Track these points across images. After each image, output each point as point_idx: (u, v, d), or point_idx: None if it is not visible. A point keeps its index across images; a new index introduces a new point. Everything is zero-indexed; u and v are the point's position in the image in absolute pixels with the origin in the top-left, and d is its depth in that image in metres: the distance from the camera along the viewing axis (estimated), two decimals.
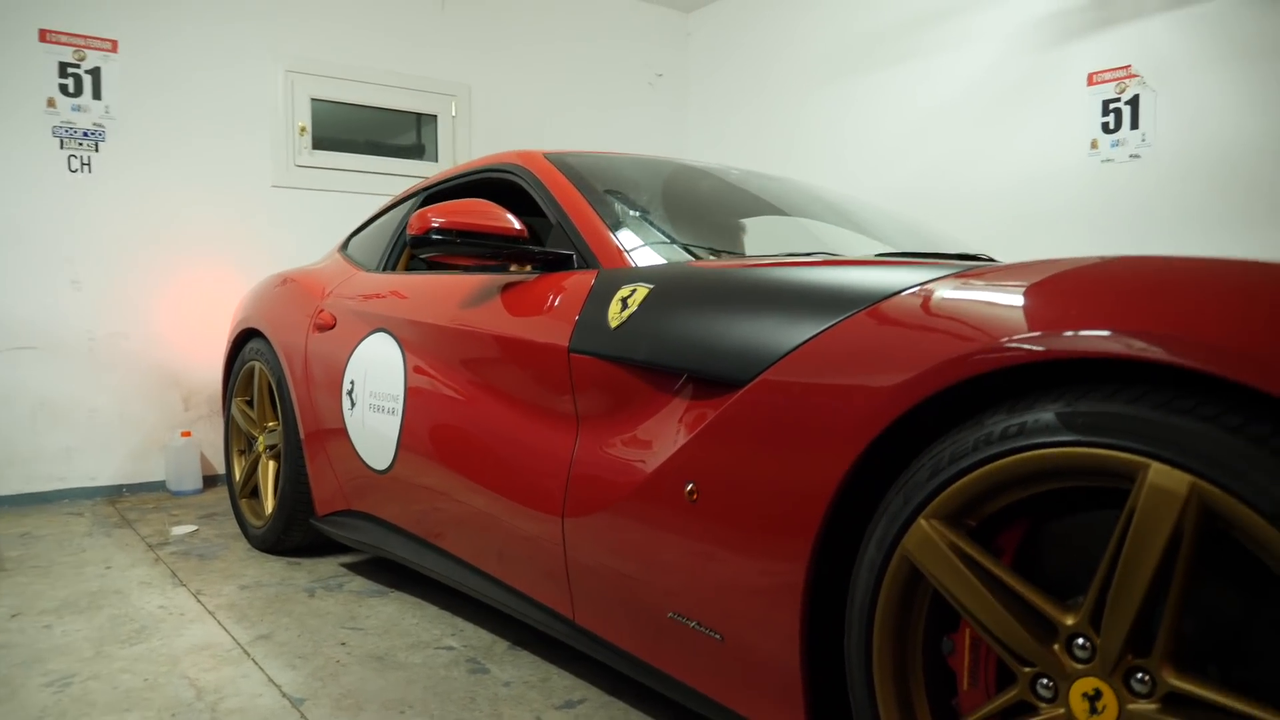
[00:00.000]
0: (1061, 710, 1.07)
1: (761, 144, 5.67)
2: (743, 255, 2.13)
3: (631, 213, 2.14)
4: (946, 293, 1.22)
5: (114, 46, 4.12)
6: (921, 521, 1.17)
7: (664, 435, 1.58)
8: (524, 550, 1.94)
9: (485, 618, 2.41)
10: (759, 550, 1.38)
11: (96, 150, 4.11)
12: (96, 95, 4.09)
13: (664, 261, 1.89)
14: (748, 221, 2.63)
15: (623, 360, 1.67)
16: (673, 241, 2.04)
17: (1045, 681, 1.09)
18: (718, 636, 1.47)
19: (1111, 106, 4.00)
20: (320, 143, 4.70)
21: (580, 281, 1.90)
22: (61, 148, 4.04)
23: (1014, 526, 1.16)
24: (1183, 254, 1.16)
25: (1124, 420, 0.99)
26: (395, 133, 5.03)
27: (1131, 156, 3.94)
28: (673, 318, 1.60)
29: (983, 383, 1.14)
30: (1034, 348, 1.05)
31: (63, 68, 4.01)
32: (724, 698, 1.49)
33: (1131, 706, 1.01)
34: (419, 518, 2.35)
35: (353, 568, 2.96)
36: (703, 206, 2.52)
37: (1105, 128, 4.03)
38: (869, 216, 2.76)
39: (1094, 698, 1.04)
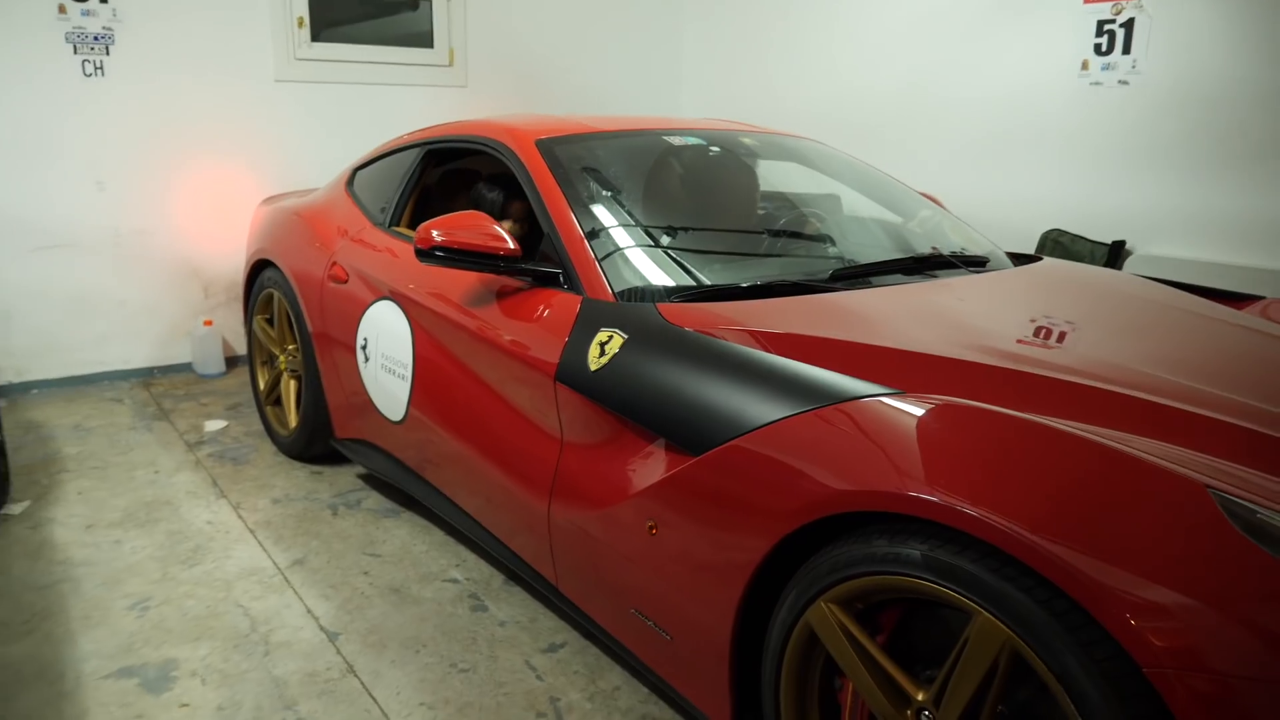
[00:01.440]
0: None
1: (755, 33, 5.64)
2: (721, 286, 2.18)
3: (615, 229, 2.34)
4: (877, 417, 1.48)
5: None
6: (820, 603, 1.51)
7: (634, 475, 1.90)
8: (517, 520, 2.30)
9: (483, 550, 2.81)
10: (703, 583, 1.73)
11: (107, 54, 4.20)
12: None
13: (646, 290, 2.12)
14: (745, 202, 2.83)
15: (600, 403, 1.96)
16: (653, 263, 2.26)
17: None
18: (668, 636, 1.85)
19: (1106, 27, 4.04)
20: (319, 34, 4.73)
21: (567, 306, 2.16)
22: (75, 53, 4.13)
23: (893, 609, 1.50)
24: (1161, 188, 1.44)
25: (966, 575, 1.31)
26: (395, 21, 5.02)
27: (1120, 82, 4.02)
28: (642, 378, 1.88)
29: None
30: (928, 498, 1.32)
31: None
32: (671, 680, 1.89)
33: None
34: (429, 467, 2.70)
35: (367, 480, 3.35)
36: (695, 200, 2.71)
37: (1098, 49, 4.08)
38: (874, 190, 2.94)
39: None
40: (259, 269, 3.60)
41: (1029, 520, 1.24)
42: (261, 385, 3.68)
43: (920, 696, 1.42)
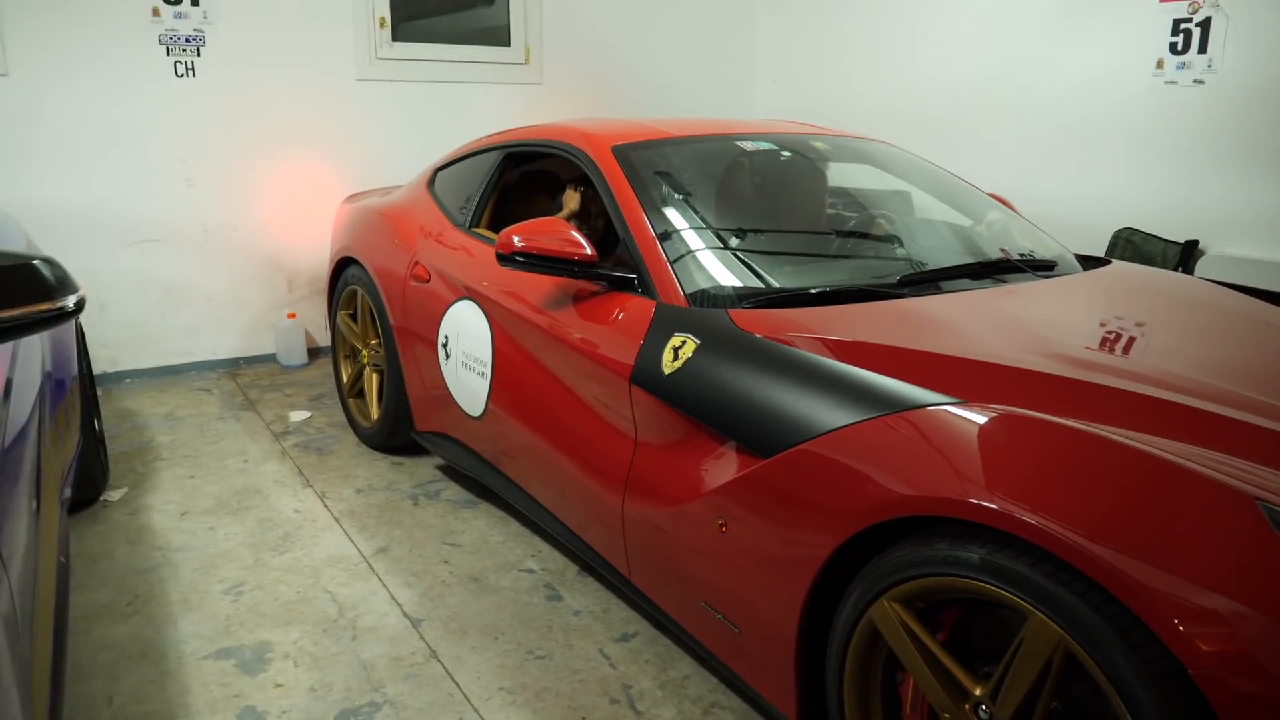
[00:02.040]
0: None
1: (830, 28, 5.65)
2: (791, 291, 2.24)
3: (689, 235, 2.42)
4: (940, 426, 1.55)
5: None
6: (884, 601, 1.58)
7: (706, 474, 1.98)
8: (592, 513, 2.41)
9: (558, 541, 2.92)
10: (771, 579, 1.81)
11: (199, 55, 4.41)
12: (195, 2, 4.33)
13: (719, 296, 2.20)
14: (815, 206, 2.89)
15: (673, 405, 2.06)
16: (725, 269, 2.34)
17: None
18: (737, 630, 1.94)
19: (1182, 26, 3.99)
20: (400, 34, 4.89)
21: (641, 311, 2.26)
22: (168, 54, 4.35)
23: (953, 608, 1.57)
24: (1241, 188, 1.49)
25: (1022, 578, 1.37)
26: (472, 20, 5.16)
27: (1195, 81, 3.98)
28: (713, 382, 1.97)
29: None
30: (989, 506, 1.39)
31: None
32: (739, 671, 1.98)
33: None
34: (506, 460, 2.83)
35: (446, 471, 3.50)
36: (766, 204, 2.78)
37: (1173, 48, 4.03)
38: (943, 191, 2.99)
39: None
40: (343, 266, 3.76)
41: (1083, 528, 1.30)
42: (345, 378, 3.85)
43: (978, 691, 1.49)
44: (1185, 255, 3.99)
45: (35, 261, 1.55)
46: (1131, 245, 4.15)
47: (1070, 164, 4.48)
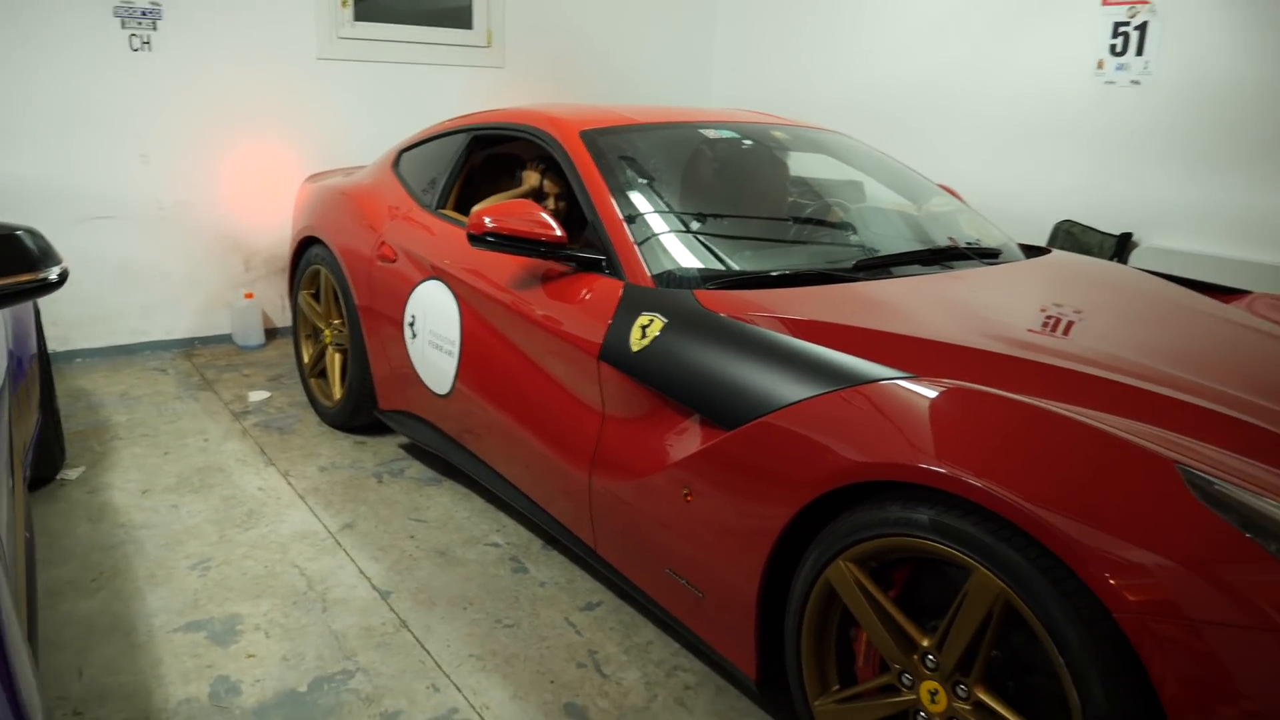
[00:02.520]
0: (913, 697, 1.64)
1: (786, 21, 5.76)
2: (753, 273, 2.34)
3: (654, 218, 2.51)
4: (893, 398, 1.67)
5: None
6: (840, 562, 1.69)
7: (672, 447, 2.08)
8: (559, 487, 2.49)
9: (521, 516, 3.00)
10: (733, 546, 1.91)
11: (155, 28, 4.37)
12: None
13: (683, 277, 2.29)
14: (775, 193, 3.00)
15: (641, 381, 2.14)
16: (690, 251, 2.43)
17: (906, 677, 1.65)
18: (700, 594, 2.04)
19: (1121, 29, 4.17)
20: (362, 14, 4.89)
21: (609, 290, 2.34)
22: (123, 27, 4.30)
23: (903, 566, 1.68)
24: (1163, 189, 1.61)
25: (968, 536, 1.49)
26: (435, 1, 5.17)
27: (1132, 82, 4.16)
28: (680, 359, 2.06)
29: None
30: (938, 470, 1.50)
31: None
32: (702, 633, 2.08)
33: (955, 704, 1.57)
34: (472, 438, 2.89)
35: (408, 449, 3.55)
36: (728, 190, 2.88)
37: (1112, 49, 4.21)
38: (895, 182, 3.11)
39: (934, 694, 1.60)
40: (305, 245, 3.78)
41: (1023, 490, 1.42)
42: (306, 358, 3.87)
43: (925, 643, 1.61)
44: (1120, 247, 4.18)
45: (19, 232, 1.59)
46: (1071, 237, 4.33)
47: (1014, 158, 4.65)
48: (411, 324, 3.04)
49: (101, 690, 2.12)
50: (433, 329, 2.92)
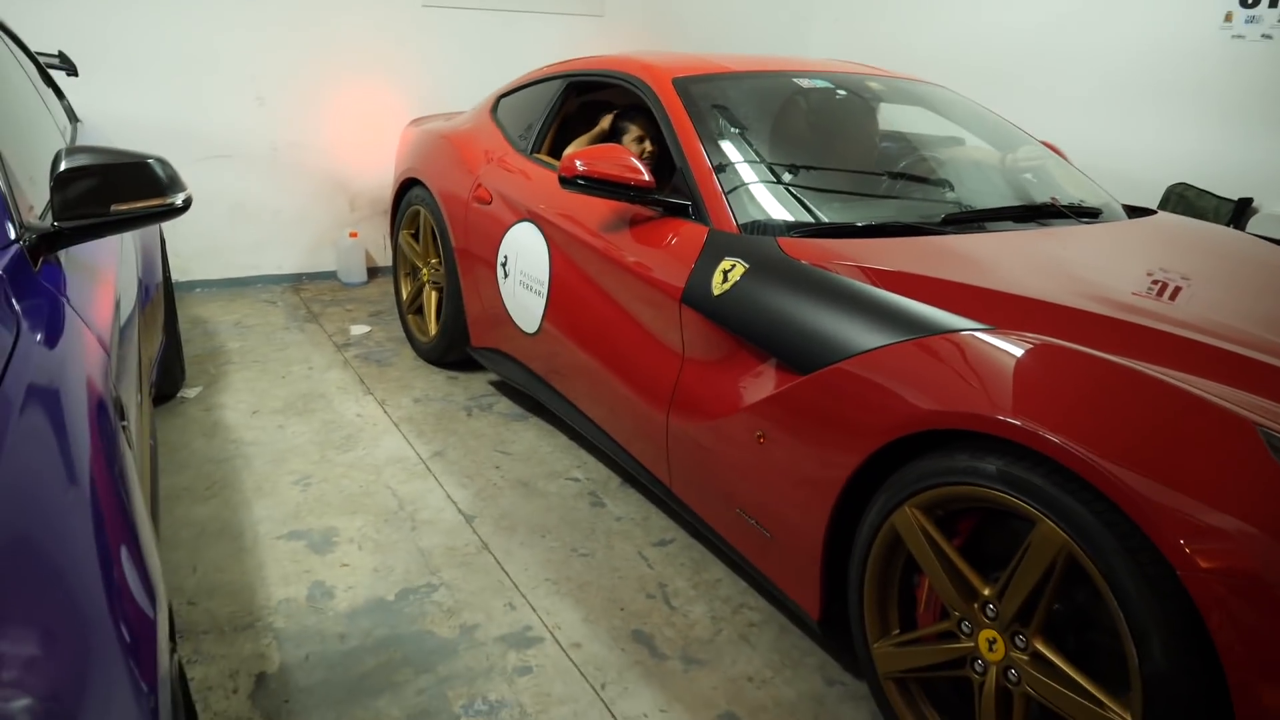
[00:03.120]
0: (971, 645, 1.66)
1: None
2: (838, 224, 2.38)
3: (743, 166, 2.53)
4: (969, 349, 1.67)
5: None
6: (906, 508, 1.72)
7: (747, 390, 2.12)
8: (638, 427, 2.56)
9: (602, 454, 3.09)
10: (802, 489, 1.95)
11: None
12: None
13: (769, 224, 2.32)
14: (867, 144, 2.98)
15: (720, 324, 2.19)
16: (777, 199, 2.45)
17: (966, 624, 1.67)
18: (768, 534, 2.09)
19: None
20: None
21: (694, 236, 2.38)
22: None
23: (969, 517, 1.70)
24: None
25: (1035, 488, 1.50)
26: None
27: (1264, 36, 3.95)
28: (759, 303, 2.09)
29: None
30: (1011, 421, 1.51)
31: None
32: (769, 573, 2.14)
33: (1013, 654, 1.60)
34: (557, 377, 2.99)
35: (498, 387, 3.68)
36: (819, 141, 2.87)
37: (1243, 2, 3.99)
38: (995, 136, 3.05)
39: (992, 642, 1.63)
40: (407, 187, 3.91)
41: (1093, 443, 1.42)
42: (404, 295, 4.03)
43: (987, 592, 1.63)
44: (1238, 212, 4.00)
45: (150, 161, 1.72)
46: (1184, 201, 4.16)
47: (1129, 117, 4.47)
48: (504, 264, 3.13)
49: (211, 585, 2.30)
50: (524, 269, 3.01)
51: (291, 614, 2.21)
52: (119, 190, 1.67)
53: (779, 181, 2.54)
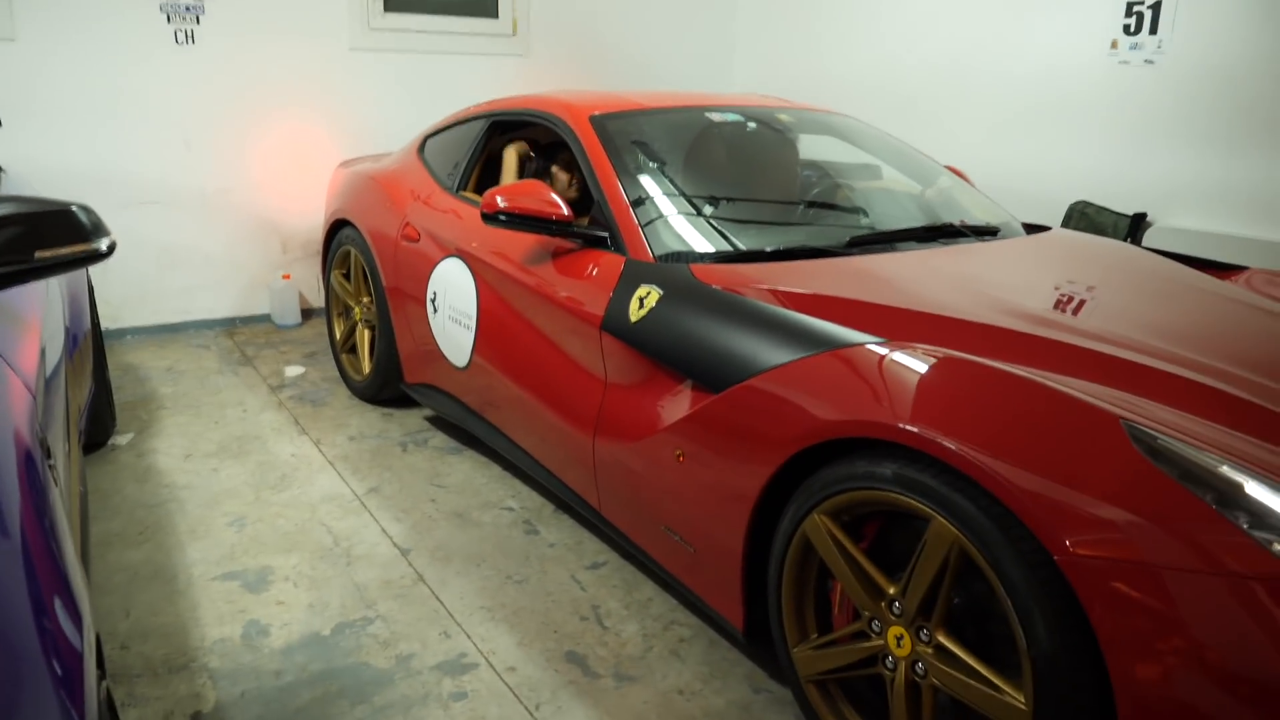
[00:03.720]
0: (881, 642, 1.76)
1: (805, 4, 5.83)
2: (748, 253, 2.46)
3: (657, 197, 2.64)
4: (864, 361, 1.78)
5: None
6: (815, 515, 1.82)
7: (666, 411, 2.21)
8: (566, 452, 2.63)
9: (536, 483, 3.15)
10: (720, 503, 2.04)
11: (198, 23, 4.57)
12: None
13: (682, 252, 2.42)
14: (778, 173, 3.11)
15: (638, 349, 2.28)
16: (689, 228, 2.56)
17: (875, 623, 1.77)
18: (692, 549, 2.17)
19: (1135, 9, 4.20)
20: (392, 5, 5.06)
21: (612, 265, 2.47)
22: (168, 22, 4.51)
23: (874, 520, 1.80)
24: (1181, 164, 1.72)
25: (927, 488, 1.60)
26: None
27: (1146, 61, 4.19)
28: (674, 328, 2.19)
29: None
30: (902, 426, 1.61)
31: None
32: (695, 587, 2.22)
33: (918, 648, 1.69)
34: (489, 408, 3.05)
35: (433, 421, 3.72)
36: (731, 171, 3.00)
37: (1126, 29, 4.25)
38: (901, 162, 3.21)
39: (899, 638, 1.72)
40: (337, 227, 3.96)
41: (973, 442, 1.53)
42: (338, 334, 4.06)
43: (891, 590, 1.72)
44: (1134, 227, 4.22)
45: (73, 208, 1.76)
46: (1085, 217, 4.38)
47: (1030, 140, 4.69)
48: (433, 300, 3.19)
49: (145, 629, 2.31)
50: (452, 304, 3.08)
51: (226, 653, 2.23)
52: (43, 237, 1.71)
53: (692, 211, 2.65)
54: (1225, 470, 1.46)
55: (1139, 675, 1.39)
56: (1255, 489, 1.44)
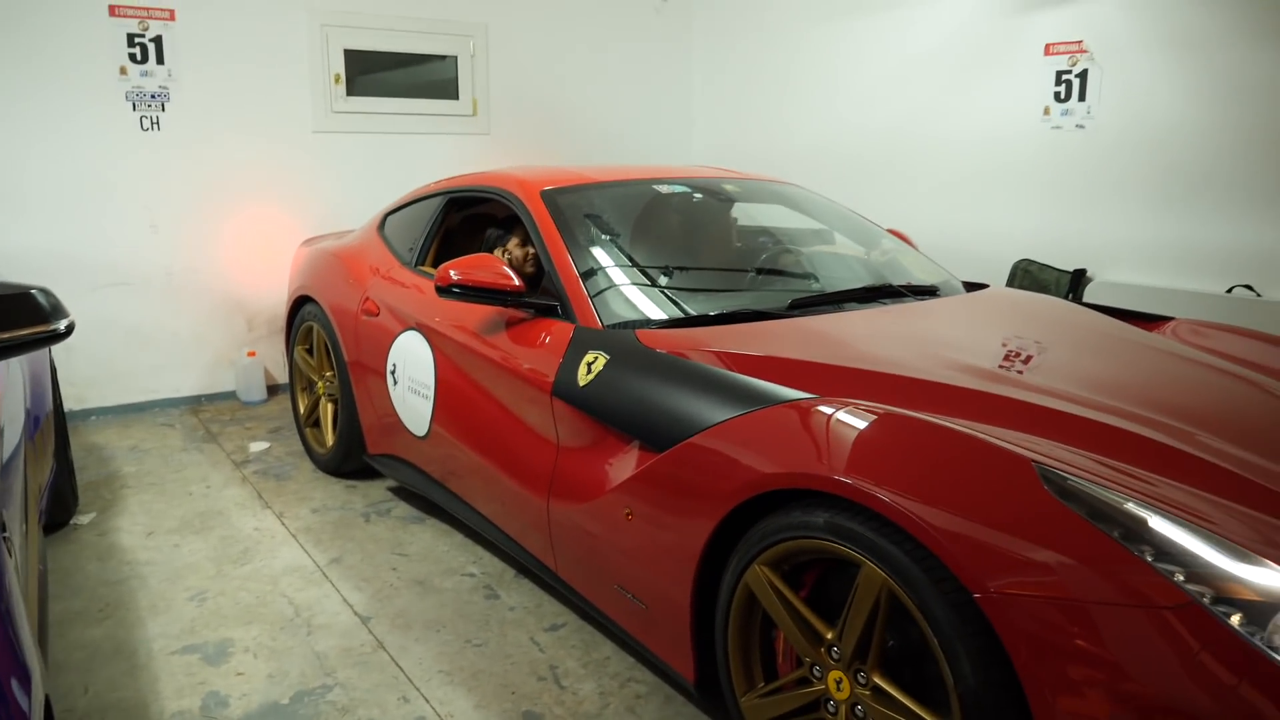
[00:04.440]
0: (822, 687, 1.82)
1: (760, 77, 6.07)
2: (692, 318, 2.56)
3: (606, 267, 2.75)
4: (795, 417, 1.87)
5: (171, 15, 4.64)
6: (755, 566, 1.89)
7: (614, 471, 2.29)
8: (522, 516, 2.69)
9: (497, 549, 3.19)
10: (668, 558, 2.10)
11: (163, 110, 4.70)
12: (160, 60, 4.64)
13: (629, 319, 2.53)
14: (723, 241, 3.24)
15: (587, 413, 2.36)
16: (636, 295, 2.66)
17: (816, 669, 1.83)
18: (644, 606, 2.22)
19: (1064, 77, 4.44)
20: (354, 88, 5.22)
21: (562, 333, 2.57)
22: (134, 110, 4.64)
23: (812, 569, 1.88)
24: (1112, 224, 1.82)
25: (857, 536, 1.68)
26: (423, 74, 5.51)
27: (1077, 126, 4.41)
28: (620, 391, 2.28)
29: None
30: (849, 482, 1.69)
31: (130, 38, 4.55)
32: (648, 643, 2.26)
33: (856, 690, 1.75)
34: (448, 475, 3.10)
35: (396, 492, 3.76)
36: (678, 240, 3.12)
37: (1057, 96, 4.47)
38: (843, 226, 3.35)
39: (839, 682, 1.78)
40: (300, 304, 4.04)
41: (899, 489, 1.62)
42: (301, 409, 4.11)
43: (829, 635, 1.79)
44: (1075, 282, 4.39)
45: (33, 290, 1.83)
46: (1029, 275, 4.54)
47: (974, 202, 4.89)
48: (393, 372, 3.27)
49: (104, 704, 2.32)
50: (411, 376, 3.15)
51: None
52: (2, 319, 1.78)
53: (639, 279, 2.76)
54: (1130, 507, 1.56)
55: (1059, 706, 1.46)
56: (1158, 524, 1.53)
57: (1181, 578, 1.45)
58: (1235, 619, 1.41)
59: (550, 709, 2.30)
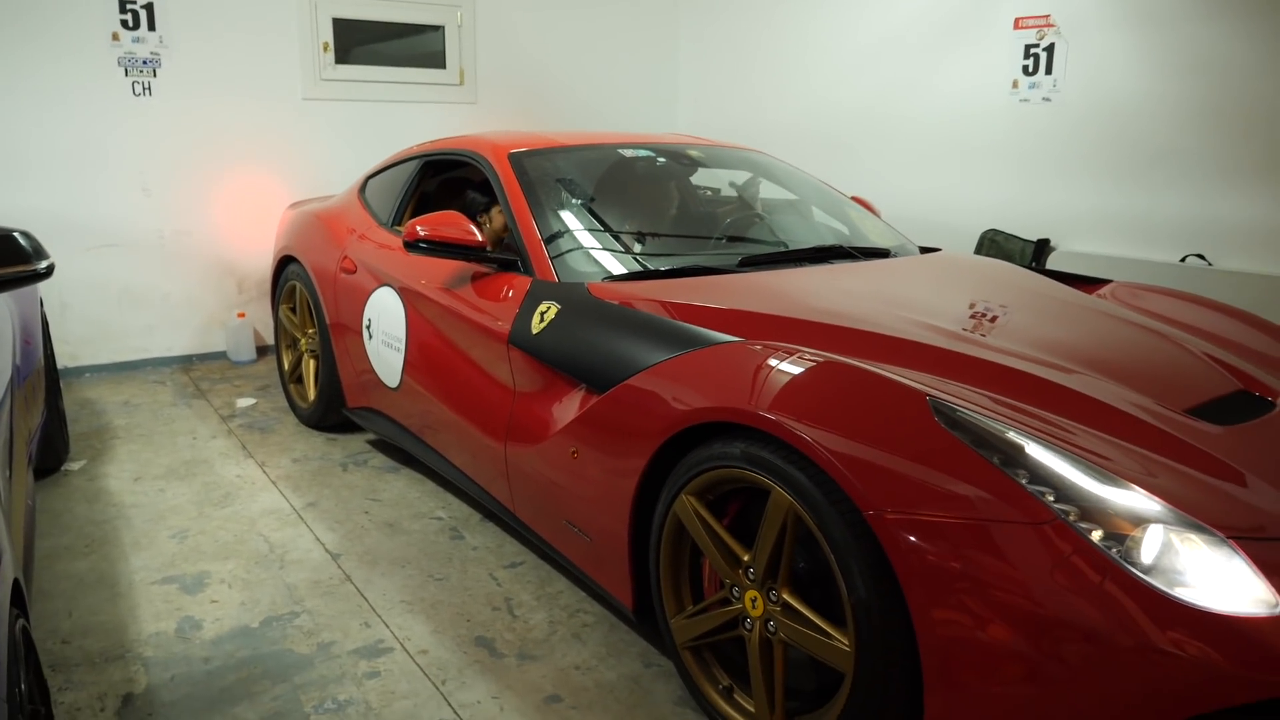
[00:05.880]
0: (739, 606, 1.97)
1: (742, 51, 6.17)
2: (643, 272, 2.72)
3: (565, 225, 2.89)
4: (719, 357, 2.02)
5: None
6: (683, 496, 2.04)
7: (563, 413, 2.44)
8: (483, 459, 2.84)
9: (466, 496, 3.35)
10: (608, 492, 2.25)
11: (155, 75, 4.83)
12: (151, 27, 4.76)
13: (584, 272, 2.67)
14: (683, 203, 3.37)
15: (539, 359, 2.51)
16: (592, 251, 2.81)
17: (735, 590, 1.98)
18: (588, 538, 2.38)
19: (1032, 51, 4.54)
20: (343, 57, 5.34)
21: (520, 286, 2.71)
22: (126, 75, 4.76)
23: (735, 499, 2.03)
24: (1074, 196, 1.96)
25: (768, 464, 1.83)
26: (411, 44, 5.62)
27: (1044, 99, 4.52)
28: (569, 338, 2.43)
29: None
30: (761, 414, 1.84)
31: (122, 4, 4.68)
32: (593, 574, 2.42)
33: (768, 607, 1.91)
34: (418, 424, 3.26)
35: (374, 444, 3.92)
36: (638, 201, 3.26)
37: (1025, 70, 4.58)
38: (807, 192, 3.48)
39: (754, 600, 1.94)
40: (284, 264, 4.19)
41: (804, 419, 1.77)
42: (286, 365, 4.27)
43: (746, 558, 1.94)
44: (1038, 252, 4.51)
45: (15, 233, 1.98)
46: (995, 244, 4.67)
47: (944, 173, 5.01)
48: (368, 326, 3.41)
49: (85, 626, 2.49)
50: (385, 329, 3.30)
51: (160, 645, 2.41)
52: None
53: (596, 236, 2.90)
54: (1011, 435, 1.70)
55: (935, 615, 1.61)
56: (1034, 450, 1.68)
57: (1051, 498, 1.60)
58: (1096, 534, 1.56)
59: (501, 635, 2.46)
